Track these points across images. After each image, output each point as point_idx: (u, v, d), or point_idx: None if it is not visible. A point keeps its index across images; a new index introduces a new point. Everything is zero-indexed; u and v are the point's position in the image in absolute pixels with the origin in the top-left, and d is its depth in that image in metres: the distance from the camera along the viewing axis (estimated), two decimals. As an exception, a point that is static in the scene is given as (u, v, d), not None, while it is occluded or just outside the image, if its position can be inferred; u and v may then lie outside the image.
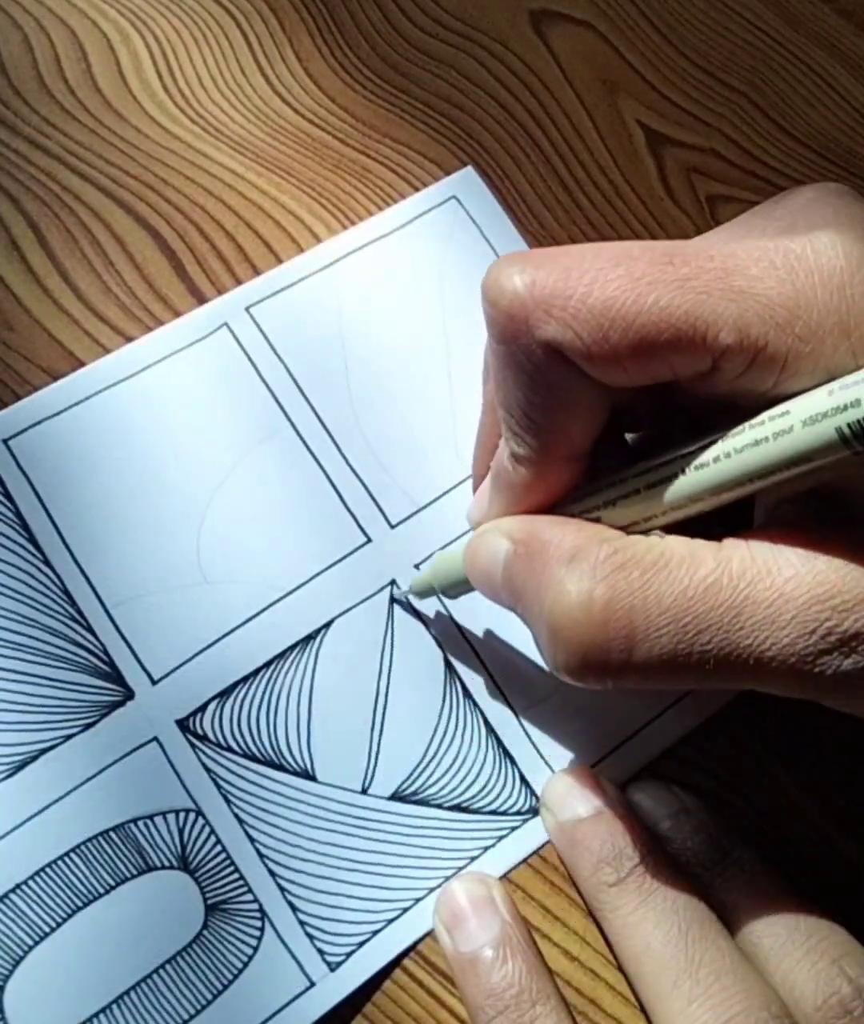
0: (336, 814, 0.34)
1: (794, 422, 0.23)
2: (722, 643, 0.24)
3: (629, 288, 0.24)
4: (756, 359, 0.24)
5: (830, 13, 0.45)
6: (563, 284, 0.25)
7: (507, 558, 0.28)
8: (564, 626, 0.25)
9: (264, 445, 0.37)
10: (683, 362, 0.24)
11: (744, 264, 0.24)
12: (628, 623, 0.24)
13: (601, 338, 0.24)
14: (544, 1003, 0.31)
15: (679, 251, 0.25)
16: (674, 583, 0.24)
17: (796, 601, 0.24)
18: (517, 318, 0.25)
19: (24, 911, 0.32)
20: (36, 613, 0.34)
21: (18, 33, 0.41)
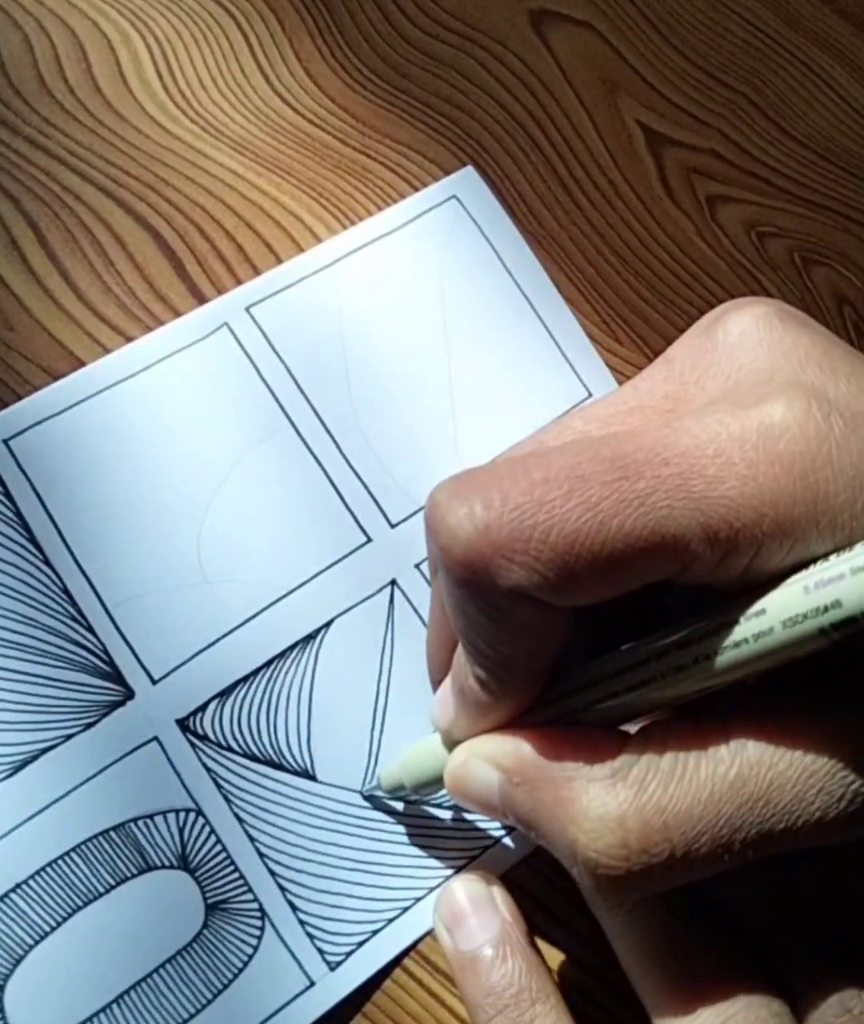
0: (336, 814, 0.34)
1: (773, 623, 0.23)
2: (757, 832, 0.24)
3: (589, 519, 0.23)
4: (726, 556, 0.23)
5: (829, 13, 0.45)
6: (518, 526, 0.23)
7: (502, 788, 0.27)
8: (603, 864, 0.24)
9: (264, 445, 0.37)
10: (651, 574, 0.24)
11: (701, 464, 0.23)
12: (666, 843, 0.24)
13: (568, 575, 0.23)
14: (544, 1002, 0.31)
15: (630, 458, 0.23)
16: (699, 789, 0.24)
17: (819, 774, 0.23)
18: (475, 567, 0.24)
19: (24, 910, 0.32)
20: (36, 613, 0.34)
21: (18, 33, 0.41)
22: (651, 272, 0.41)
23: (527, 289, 0.40)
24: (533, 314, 0.40)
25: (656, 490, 0.23)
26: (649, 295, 0.41)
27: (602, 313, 0.41)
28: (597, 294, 0.41)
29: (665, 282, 0.41)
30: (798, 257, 0.42)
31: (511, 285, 0.40)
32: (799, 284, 0.42)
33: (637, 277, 0.41)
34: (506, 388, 0.39)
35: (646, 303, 0.41)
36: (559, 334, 0.40)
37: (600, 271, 0.41)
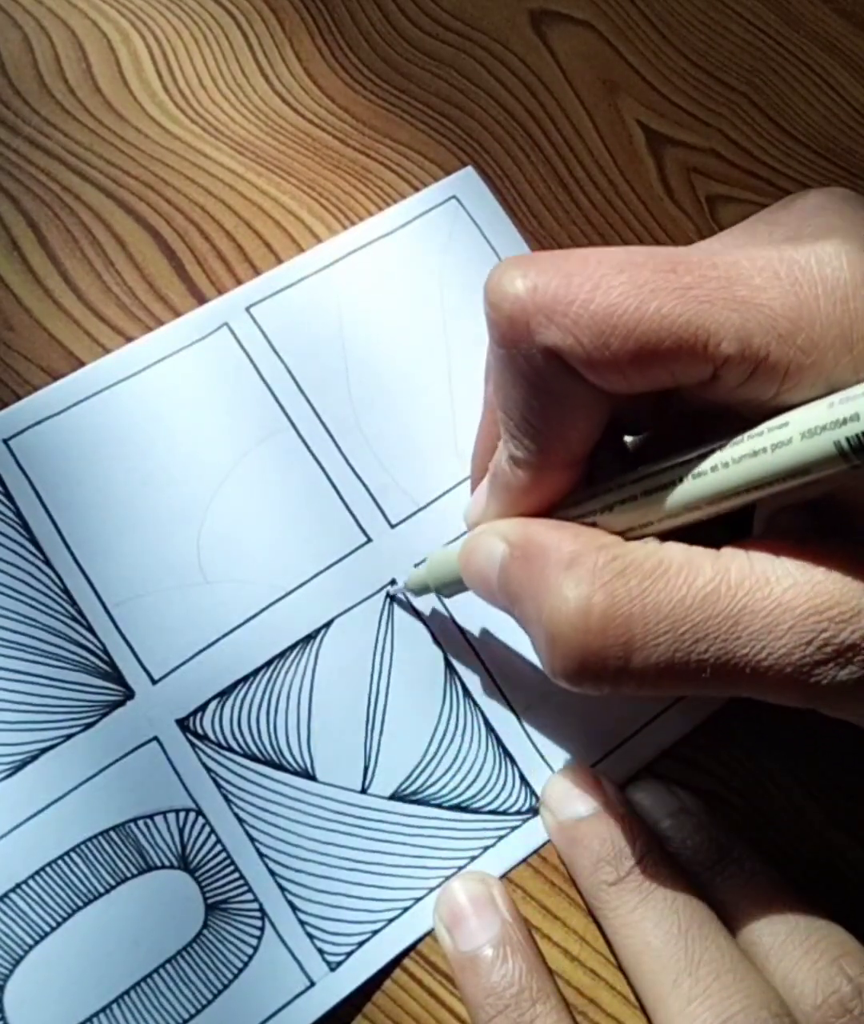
0: (336, 814, 0.34)
1: (793, 434, 0.23)
2: (719, 652, 0.24)
3: (631, 295, 0.24)
4: (757, 369, 0.24)
5: (830, 13, 0.45)
6: (565, 289, 0.24)
7: (503, 561, 0.28)
8: (562, 632, 0.25)
9: (264, 445, 0.37)
10: (684, 370, 0.24)
11: (748, 273, 0.24)
12: (626, 630, 0.24)
13: (602, 345, 0.24)
14: (544, 1002, 0.31)
15: (683, 258, 0.24)
16: (672, 591, 0.24)
17: (794, 611, 0.24)
18: (518, 322, 0.25)
19: (24, 910, 0.32)
20: (36, 612, 0.34)
21: (18, 33, 0.41)
22: (651, 272, 0.41)
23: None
24: (533, 314, 0.40)
25: (701, 285, 0.24)
26: (649, 295, 0.41)
27: (602, 313, 0.41)
28: (597, 294, 0.41)
29: (665, 282, 0.41)
30: (798, 257, 0.42)
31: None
32: (799, 284, 0.42)
33: (637, 277, 0.41)
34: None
35: (646, 303, 0.41)
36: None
37: (600, 271, 0.41)
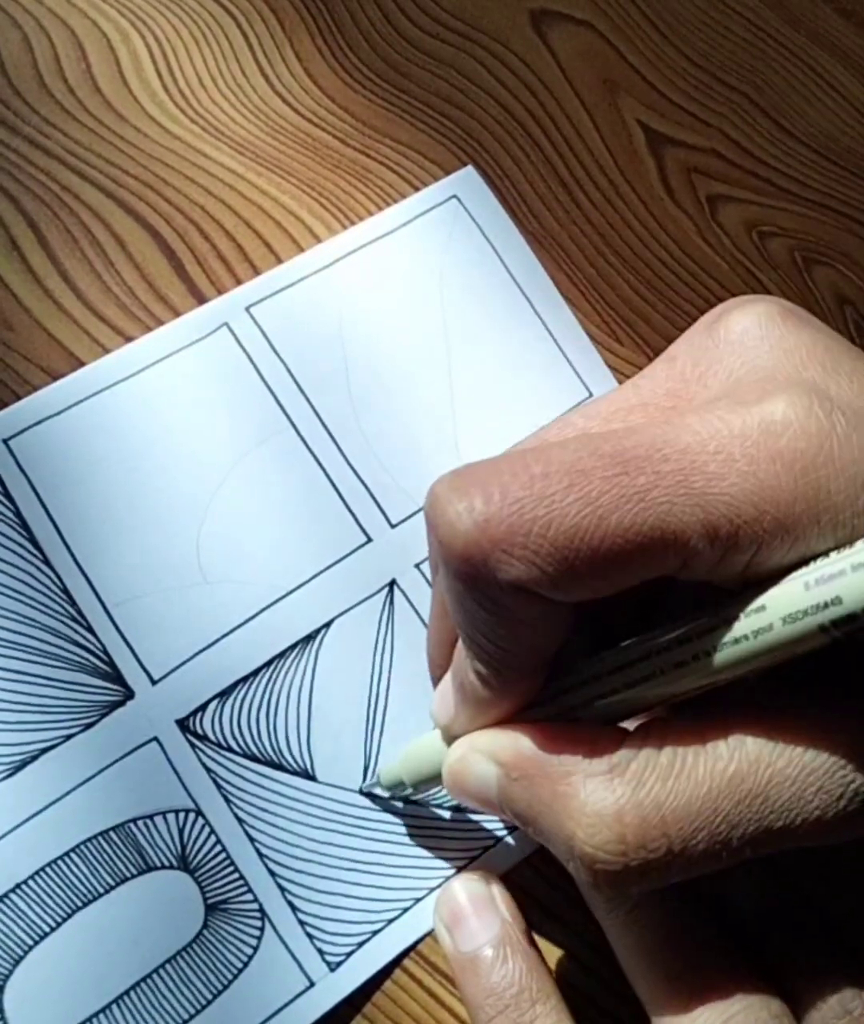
0: (336, 814, 0.34)
1: (773, 620, 0.23)
2: (755, 830, 0.24)
3: (589, 513, 0.23)
4: (726, 553, 0.23)
5: (831, 13, 0.45)
6: (518, 520, 0.23)
7: (500, 783, 0.27)
8: (600, 858, 0.24)
9: (264, 445, 0.37)
10: (652, 570, 0.24)
11: (702, 460, 0.23)
12: (664, 840, 0.24)
13: (567, 569, 0.23)
14: (544, 1002, 0.31)
15: (630, 454, 0.23)
16: (697, 785, 0.24)
17: (818, 772, 0.23)
18: (475, 561, 0.24)
19: (24, 911, 0.32)
20: (36, 613, 0.34)
21: (18, 33, 0.41)
22: (651, 272, 0.41)
23: (527, 289, 0.40)
24: (533, 314, 0.40)
25: (656, 486, 0.23)
26: (649, 295, 0.41)
27: (602, 313, 0.41)
28: (597, 294, 0.41)
29: (665, 282, 0.41)
30: (799, 257, 0.42)
31: (511, 285, 0.40)
32: (800, 284, 0.42)
33: (637, 277, 0.41)
34: (506, 388, 0.39)
35: (646, 303, 0.41)
36: (559, 334, 0.40)
37: (600, 271, 0.41)
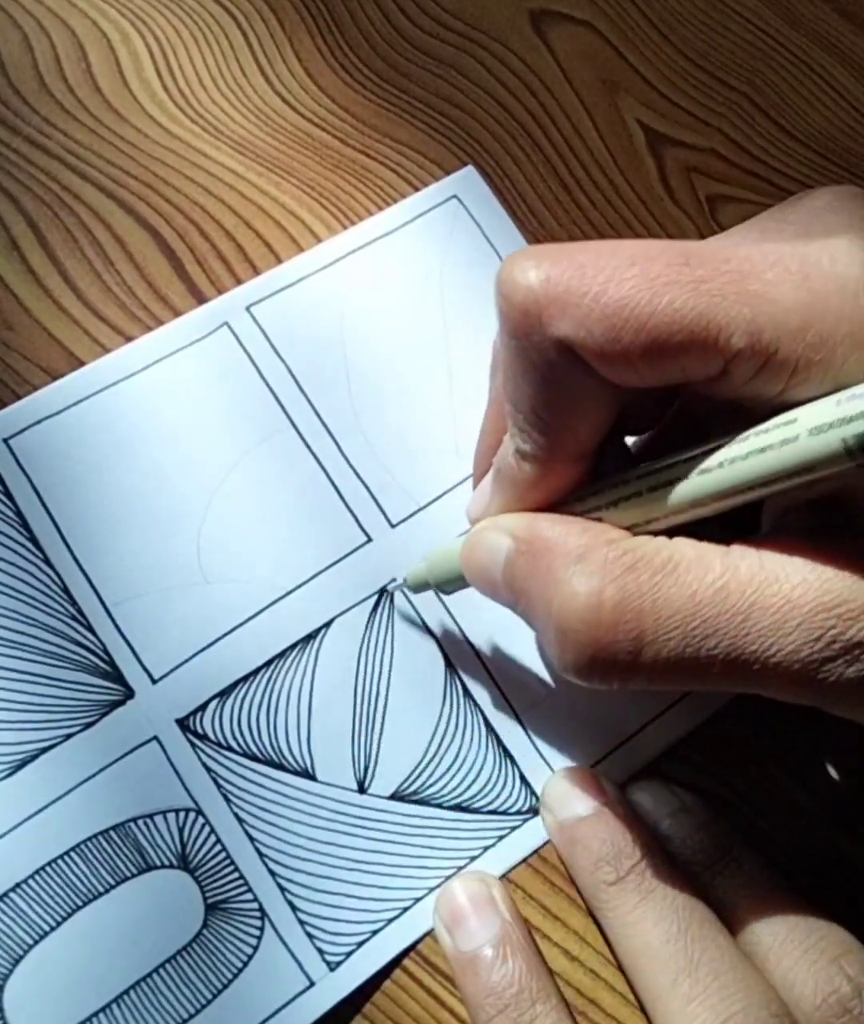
0: (336, 813, 0.34)
1: (800, 431, 0.23)
2: (729, 647, 0.24)
3: (644, 288, 0.24)
4: (767, 364, 0.24)
5: (831, 13, 0.45)
6: (578, 281, 0.24)
7: (508, 556, 0.28)
8: (572, 626, 0.25)
9: (264, 444, 0.37)
10: (694, 364, 0.24)
11: (760, 268, 0.24)
12: (637, 625, 0.24)
13: (614, 337, 0.24)
14: (544, 1002, 0.31)
15: (695, 252, 0.24)
16: (683, 586, 0.24)
17: (802, 608, 0.24)
18: (530, 314, 0.25)
19: (24, 910, 0.32)
20: (36, 612, 0.34)
21: (18, 33, 0.41)
22: (651, 272, 0.41)
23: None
24: (533, 313, 0.40)
25: (713, 279, 0.24)
26: (649, 295, 0.41)
27: (602, 313, 0.40)
28: (597, 294, 0.41)
29: (665, 282, 0.41)
30: (798, 257, 0.42)
31: (511, 284, 0.40)
32: (799, 284, 0.42)
33: (637, 277, 0.41)
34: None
35: (646, 303, 0.41)
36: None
37: (600, 271, 0.41)
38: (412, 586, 0.35)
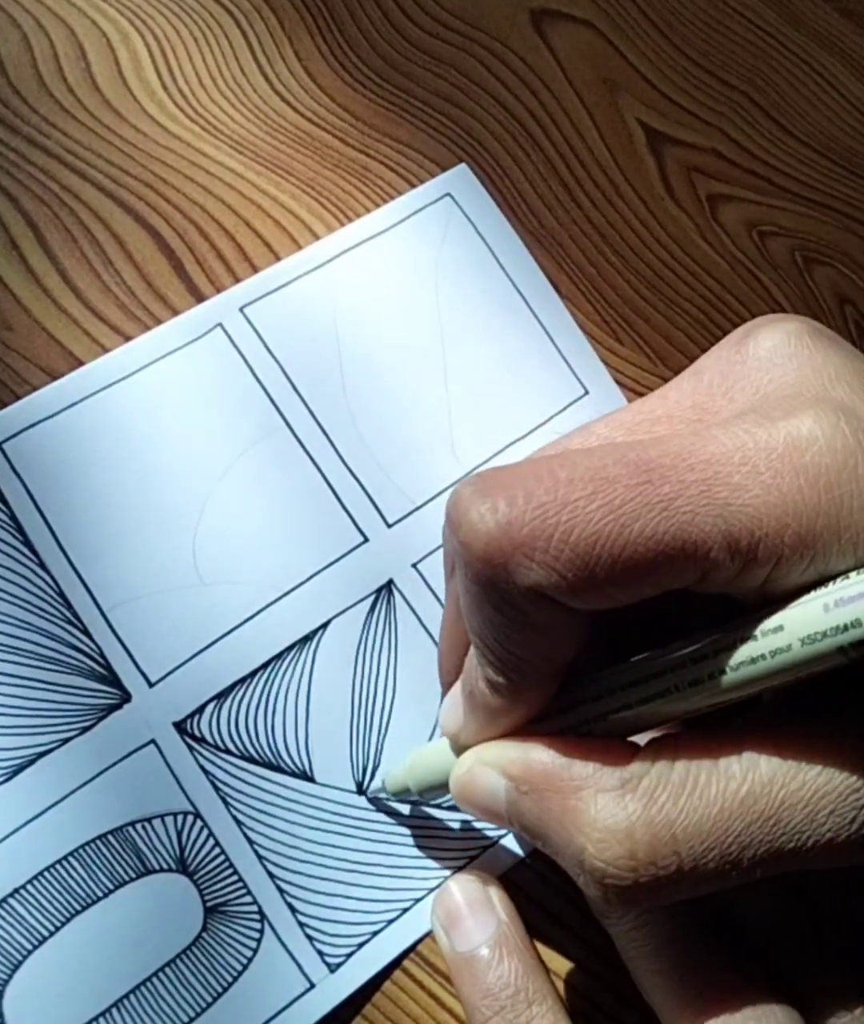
0: (335, 815, 0.34)
1: (791, 640, 0.23)
2: (767, 851, 0.24)
3: (611, 520, 0.23)
4: (746, 566, 0.23)
5: (831, 12, 0.45)
6: (541, 522, 0.23)
7: (509, 796, 0.27)
8: (610, 873, 0.24)
9: (259, 445, 0.36)
10: (671, 581, 0.23)
11: (726, 472, 0.23)
12: (674, 858, 0.24)
13: (587, 576, 0.23)
14: (541, 1003, 0.31)
15: (655, 464, 0.23)
16: (709, 804, 0.24)
17: (831, 795, 0.23)
18: (495, 563, 0.24)
19: (22, 915, 0.32)
20: (31, 616, 0.34)
21: (17, 32, 0.40)
22: (652, 272, 0.41)
23: (522, 286, 0.40)
24: (529, 311, 0.40)
25: (680, 495, 0.23)
26: (650, 295, 0.41)
27: (602, 313, 0.41)
28: (597, 294, 0.41)
29: (666, 281, 0.41)
30: (799, 256, 0.42)
31: (506, 282, 0.40)
32: (800, 283, 0.42)
33: (638, 276, 0.41)
34: (502, 386, 0.39)
35: (646, 303, 0.41)
36: (555, 331, 0.40)
37: (600, 270, 0.41)
38: (392, 792, 0.33)
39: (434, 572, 0.36)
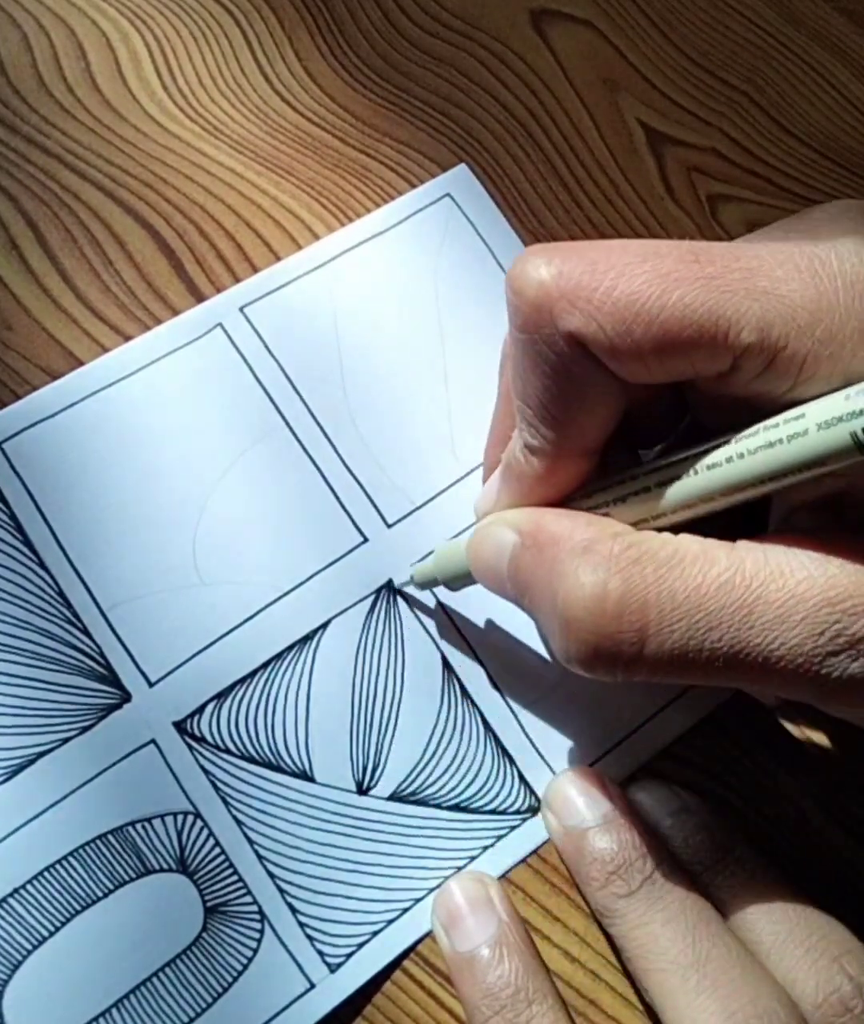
0: (335, 815, 0.34)
1: (809, 425, 0.23)
2: (732, 641, 0.24)
3: (654, 284, 0.24)
4: (775, 360, 0.24)
5: (831, 12, 0.45)
6: (589, 276, 0.25)
7: (514, 550, 0.28)
8: (577, 617, 0.25)
9: (259, 445, 0.37)
10: (703, 360, 0.24)
11: (769, 265, 0.24)
12: (641, 617, 0.25)
13: (624, 332, 0.24)
14: (541, 1002, 0.31)
15: (705, 250, 0.25)
16: (688, 580, 0.25)
17: (807, 603, 0.24)
18: (542, 308, 0.25)
19: (22, 915, 0.32)
20: (32, 616, 0.34)
21: (17, 32, 0.40)
22: (651, 271, 0.41)
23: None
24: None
25: (722, 276, 0.24)
26: (650, 294, 0.41)
27: (602, 312, 0.40)
28: (597, 293, 0.41)
29: (666, 281, 0.41)
30: (799, 256, 0.42)
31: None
32: (800, 283, 0.42)
33: (637, 276, 0.41)
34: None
35: (646, 302, 0.41)
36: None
37: (600, 270, 0.41)
38: (419, 582, 0.35)
39: (434, 572, 0.36)
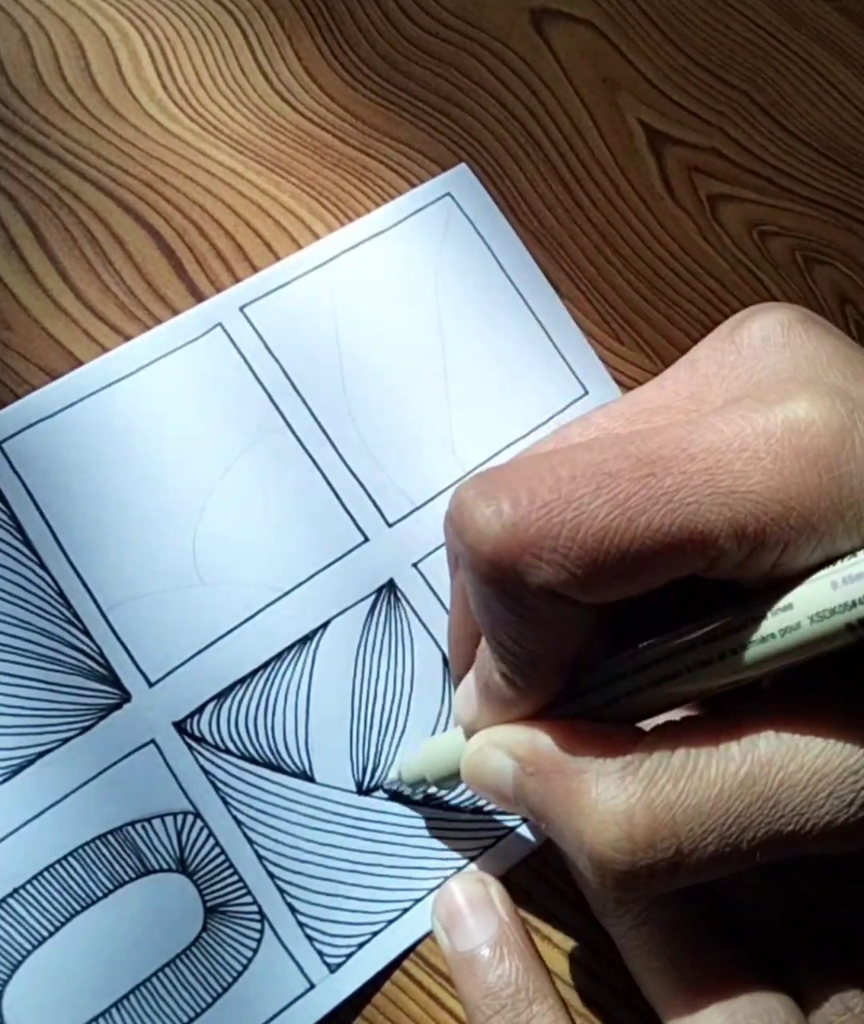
0: (335, 815, 0.34)
1: (800, 618, 0.23)
2: (765, 834, 0.24)
3: (617, 515, 0.23)
4: (753, 551, 0.23)
5: (831, 11, 0.45)
6: (547, 523, 0.23)
7: (516, 777, 0.27)
8: (609, 857, 0.24)
9: (259, 445, 0.36)
10: (679, 570, 0.24)
11: (727, 459, 0.23)
12: (673, 841, 0.24)
13: (596, 572, 0.23)
14: (541, 1002, 0.31)
15: (657, 455, 0.23)
16: (710, 787, 0.24)
17: (830, 777, 0.23)
18: (504, 565, 0.23)
19: (22, 915, 0.32)
20: (31, 616, 0.34)
21: (17, 32, 0.40)
22: (652, 271, 0.41)
23: (522, 286, 0.40)
24: (528, 311, 0.40)
25: (684, 486, 0.23)
26: (650, 294, 0.41)
27: (602, 312, 0.40)
28: (598, 293, 0.41)
29: (666, 281, 0.41)
30: (800, 256, 0.42)
31: (506, 282, 0.40)
32: (801, 283, 0.42)
33: (638, 276, 0.41)
34: (502, 385, 0.39)
35: (647, 302, 0.41)
36: (554, 330, 0.40)
37: (601, 270, 0.41)
38: (408, 783, 0.34)
39: (435, 572, 0.36)
